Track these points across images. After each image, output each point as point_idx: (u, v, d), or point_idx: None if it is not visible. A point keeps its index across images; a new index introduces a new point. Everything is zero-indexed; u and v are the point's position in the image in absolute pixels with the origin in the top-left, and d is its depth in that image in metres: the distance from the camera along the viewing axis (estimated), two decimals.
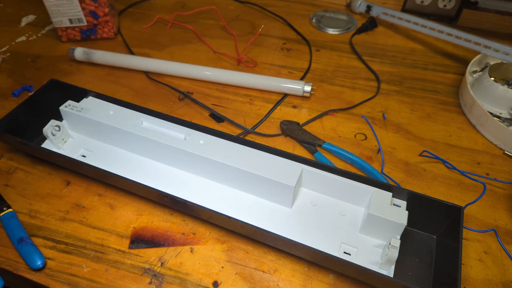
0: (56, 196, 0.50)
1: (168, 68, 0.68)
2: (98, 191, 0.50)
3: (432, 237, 0.45)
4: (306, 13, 0.87)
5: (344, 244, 0.43)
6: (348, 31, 0.82)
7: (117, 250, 0.44)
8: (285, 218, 0.45)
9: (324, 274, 0.43)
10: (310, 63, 0.72)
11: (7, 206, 0.47)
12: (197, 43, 0.77)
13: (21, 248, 0.43)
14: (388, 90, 0.67)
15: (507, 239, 0.46)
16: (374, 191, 0.43)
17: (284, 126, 0.58)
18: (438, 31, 0.72)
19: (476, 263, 0.44)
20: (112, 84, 0.66)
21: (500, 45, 0.64)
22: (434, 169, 0.54)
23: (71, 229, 0.46)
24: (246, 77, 0.66)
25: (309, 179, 0.46)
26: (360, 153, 0.56)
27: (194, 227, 0.47)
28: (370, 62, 0.73)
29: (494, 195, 0.51)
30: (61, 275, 0.42)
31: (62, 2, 0.69)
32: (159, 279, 0.42)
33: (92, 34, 0.76)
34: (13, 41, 0.76)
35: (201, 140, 0.48)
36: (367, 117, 0.61)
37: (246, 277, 0.42)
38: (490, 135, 0.58)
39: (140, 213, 0.48)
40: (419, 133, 0.59)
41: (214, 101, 0.64)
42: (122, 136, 0.50)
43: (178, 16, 0.82)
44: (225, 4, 0.89)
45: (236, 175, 0.45)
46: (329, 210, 0.46)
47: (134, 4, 0.88)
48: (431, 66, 0.73)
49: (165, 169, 0.50)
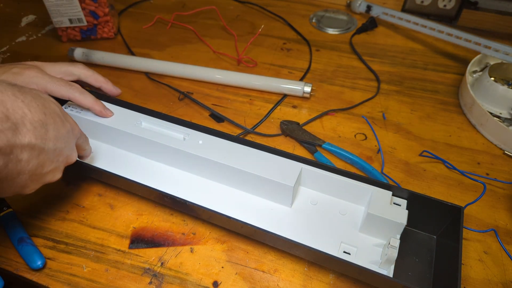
0: (56, 196, 0.50)
1: (168, 68, 0.68)
2: (98, 191, 0.50)
3: (432, 237, 0.44)
4: (306, 13, 0.87)
5: (344, 244, 0.43)
6: (348, 31, 0.82)
7: (117, 250, 0.44)
8: (285, 218, 0.45)
9: (324, 274, 0.43)
10: (310, 63, 0.72)
11: (7, 206, 0.47)
12: (197, 43, 0.77)
13: (21, 248, 0.43)
14: (388, 90, 0.67)
15: (507, 239, 0.46)
16: (374, 190, 0.43)
17: (284, 126, 0.58)
18: (438, 31, 0.72)
19: (476, 263, 0.44)
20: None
21: (500, 45, 0.64)
22: (434, 169, 0.54)
23: (71, 229, 0.46)
24: (246, 77, 0.66)
25: (309, 178, 0.46)
26: (360, 153, 0.56)
27: (194, 227, 0.47)
28: (370, 62, 0.73)
29: (494, 195, 0.51)
30: (61, 275, 0.42)
31: (62, 2, 0.69)
32: (159, 279, 0.42)
33: (92, 34, 0.76)
34: (13, 41, 0.76)
35: (200, 140, 0.48)
36: (367, 117, 0.61)
37: (246, 277, 0.42)
38: (490, 135, 0.58)
39: (140, 213, 0.48)
40: (419, 133, 0.59)
41: (214, 101, 0.64)
42: (122, 136, 0.50)
43: (178, 16, 0.82)
44: (225, 4, 0.89)
45: (235, 175, 0.45)
46: (329, 209, 0.46)
47: (134, 4, 0.88)
48: (431, 66, 0.73)
49: (165, 169, 0.50)
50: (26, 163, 0.34)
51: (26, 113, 0.33)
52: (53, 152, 0.36)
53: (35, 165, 0.35)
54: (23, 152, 0.33)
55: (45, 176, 0.37)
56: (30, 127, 0.33)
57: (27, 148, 0.33)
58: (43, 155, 0.35)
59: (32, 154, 0.34)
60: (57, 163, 0.38)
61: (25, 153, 0.33)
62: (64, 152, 0.39)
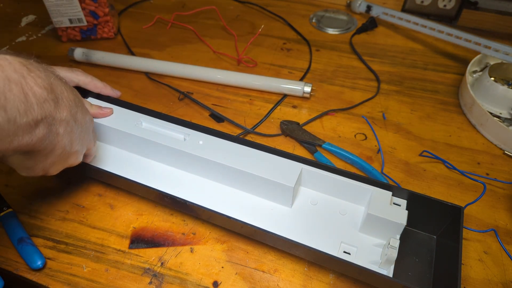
0: (56, 196, 0.50)
1: (168, 68, 0.68)
2: (98, 191, 0.50)
3: (432, 237, 0.44)
4: (306, 13, 0.87)
5: (344, 244, 0.43)
6: (348, 31, 0.82)
7: (117, 250, 0.44)
8: (285, 218, 0.45)
9: (324, 274, 0.43)
10: (310, 63, 0.72)
11: (7, 206, 0.47)
12: (197, 43, 0.77)
13: (21, 248, 0.43)
14: (388, 90, 0.67)
15: (507, 239, 0.46)
16: (374, 190, 0.43)
17: (284, 126, 0.58)
18: (438, 31, 0.72)
19: (476, 263, 0.44)
20: (112, 84, 0.66)
21: (500, 45, 0.64)
22: (434, 169, 0.54)
23: (71, 229, 0.46)
24: (246, 77, 0.66)
25: (309, 178, 0.46)
26: (360, 153, 0.56)
27: (194, 227, 0.47)
28: (370, 62, 0.73)
29: (494, 195, 0.51)
30: (61, 275, 0.42)
31: (62, 2, 0.69)
32: (159, 279, 0.42)
33: (92, 34, 0.76)
34: (13, 41, 0.76)
35: (200, 140, 0.48)
36: (367, 117, 0.61)
37: (246, 277, 0.42)
38: (490, 135, 0.58)
39: (140, 213, 0.48)
40: (419, 133, 0.59)
41: (214, 101, 0.64)
42: (122, 137, 0.50)
43: (178, 16, 0.82)
44: (225, 4, 0.89)
45: (236, 175, 0.45)
46: (329, 209, 0.46)
47: (134, 4, 0.88)
48: (431, 66, 0.73)
49: (165, 169, 0.50)
50: (61, 138, 0.36)
51: (63, 90, 0.36)
52: (79, 133, 0.39)
53: (67, 142, 0.37)
54: (61, 126, 0.35)
55: (70, 156, 0.39)
56: (66, 103, 0.36)
57: (64, 123, 0.36)
58: (73, 133, 0.38)
59: (66, 129, 0.36)
60: (81, 146, 0.40)
61: (62, 127, 0.35)
62: (86, 137, 0.41)
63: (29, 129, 0.31)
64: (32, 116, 0.31)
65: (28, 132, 0.31)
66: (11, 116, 0.29)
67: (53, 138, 0.35)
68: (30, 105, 0.31)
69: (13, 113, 0.29)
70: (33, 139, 0.32)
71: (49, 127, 0.34)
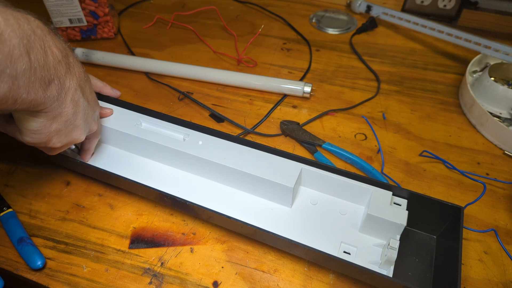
0: (56, 196, 0.50)
1: (168, 68, 0.68)
2: (98, 191, 0.50)
3: (432, 237, 0.44)
4: (306, 13, 0.87)
5: (344, 244, 0.43)
6: (348, 31, 0.82)
7: (117, 250, 0.44)
8: (285, 218, 0.45)
9: (324, 274, 0.43)
10: (310, 63, 0.72)
11: (7, 206, 0.47)
12: (197, 43, 0.77)
13: (21, 248, 0.43)
14: (388, 90, 0.67)
15: (507, 239, 0.46)
16: (374, 190, 0.43)
17: (284, 126, 0.58)
18: (438, 31, 0.72)
19: (476, 263, 0.44)
20: (111, 84, 0.66)
21: (500, 45, 0.64)
22: (434, 169, 0.54)
23: (71, 229, 0.46)
24: (246, 77, 0.66)
25: (309, 178, 0.46)
26: (360, 153, 0.56)
27: (194, 227, 0.47)
28: (370, 62, 0.73)
29: (494, 195, 0.51)
30: (61, 275, 0.42)
31: (62, 2, 0.69)
32: (159, 279, 0.42)
33: (92, 34, 0.76)
34: None
35: (200, 140, 0.48)
36: (367, 117, 0.61)
37: (246, 277, 0.42)
38: (490, 135, 0.58)
39: (140, 213, 0.48)
40: (419, 133, 0.59)
41: (214, 101, 0.64)
42: (122, 137, 0.50)
43: (178, 16, 0.82)
44: (225, 4, 0.89)
45: (235, 175, 0.45)
46: (329, 209, 0.46)
47: (134, 4, 0.88)
48: (431, 66, 0.73)
49: (165, 169, 0.50)
50: (68, 105, 0.37)
51: (75, 61, 0.38)
52: (85, 109, 0.40)
53: (72, 111, 0.38)
54: (69, 92, 0.37)
55: (74, 130, 0.39)
56: (76, 73, 0.38)
57: (71, 91, 0.37)
58: (79, 106, 0.38)
59: (73, 98, 0.37)
60: (84, 122, 0.40)
61: (69, 95, 0.37)
62: (91, 116, 0.42)
63: (43, 85, 0.33)
64: (47, 73, 0.33)
65: (42, 88, 0.33)
66: (33, 65, 0.31)
67: (61, 102, 0.36)
68: (47, 62, 0.33)
69: (34, 63, 0.31)
70: (45, 97, 0.34)
71: (59, 90, 0.35)
